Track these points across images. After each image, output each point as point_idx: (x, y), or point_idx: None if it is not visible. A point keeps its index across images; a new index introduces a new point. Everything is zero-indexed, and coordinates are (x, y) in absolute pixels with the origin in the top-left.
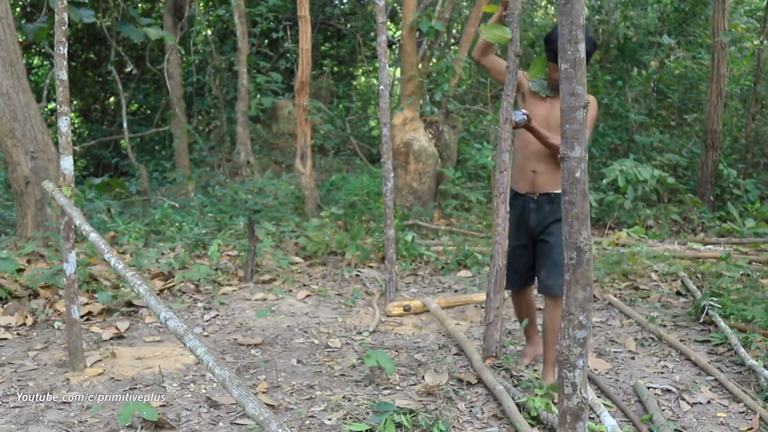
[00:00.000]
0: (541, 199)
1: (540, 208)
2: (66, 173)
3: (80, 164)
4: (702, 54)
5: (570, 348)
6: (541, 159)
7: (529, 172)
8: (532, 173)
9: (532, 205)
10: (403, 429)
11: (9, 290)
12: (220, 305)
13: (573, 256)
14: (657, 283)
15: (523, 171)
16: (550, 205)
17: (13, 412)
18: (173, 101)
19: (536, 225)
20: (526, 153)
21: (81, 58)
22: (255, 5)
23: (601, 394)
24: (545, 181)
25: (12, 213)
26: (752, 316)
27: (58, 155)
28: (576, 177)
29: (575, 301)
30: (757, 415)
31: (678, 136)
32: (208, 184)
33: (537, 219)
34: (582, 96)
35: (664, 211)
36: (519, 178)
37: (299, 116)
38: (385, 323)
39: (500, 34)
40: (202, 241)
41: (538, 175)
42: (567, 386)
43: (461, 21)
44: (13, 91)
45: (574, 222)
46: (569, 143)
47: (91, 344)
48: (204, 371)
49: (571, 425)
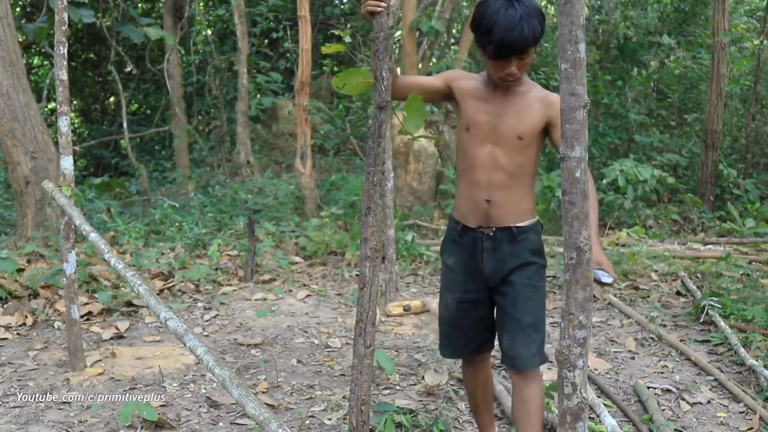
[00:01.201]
0: (498, 236)
1: (498, 247)
2: (66, 173)
3: (80, 164)
4: (702, 54)
5: (570, 348)
6: (497, 183)
7: (480, 202)
8: (486, 203)
9: (486, 244)
10: (403, 429)
11: (9, 290)
12: (220, 305)
13: (573, 256)
14: (657, 283)
15: (472, 200)
16: (512, 244)
17: (13, 412)
18: (173, 101)
19: (493, 271)
20: (474, 178)
21: (81, 58)
22: (255, 5)
23: (601, 394)
24: (504, 212)
25: (12, 213)
26: (752, 316)
27: (58, 155)
28: (576, 177)
29: (575, 301)
30: (757, 415)
31: (678, 136)
32: (208, 184)
33: (494, 263)
34: (582, 96)
35: (664, 211)
36: (466, 209)
37: (299, 116)
38: (385, 323)
39: (360, 79)
40: (202, 241)
41: (494, 206)
42: (567, 386)
43: (461, 21)
44: (13, 91)
45: (574, 222)
46: (569, 143)
47: (91, 344)
48: (204, 371)
49: (571, 425)
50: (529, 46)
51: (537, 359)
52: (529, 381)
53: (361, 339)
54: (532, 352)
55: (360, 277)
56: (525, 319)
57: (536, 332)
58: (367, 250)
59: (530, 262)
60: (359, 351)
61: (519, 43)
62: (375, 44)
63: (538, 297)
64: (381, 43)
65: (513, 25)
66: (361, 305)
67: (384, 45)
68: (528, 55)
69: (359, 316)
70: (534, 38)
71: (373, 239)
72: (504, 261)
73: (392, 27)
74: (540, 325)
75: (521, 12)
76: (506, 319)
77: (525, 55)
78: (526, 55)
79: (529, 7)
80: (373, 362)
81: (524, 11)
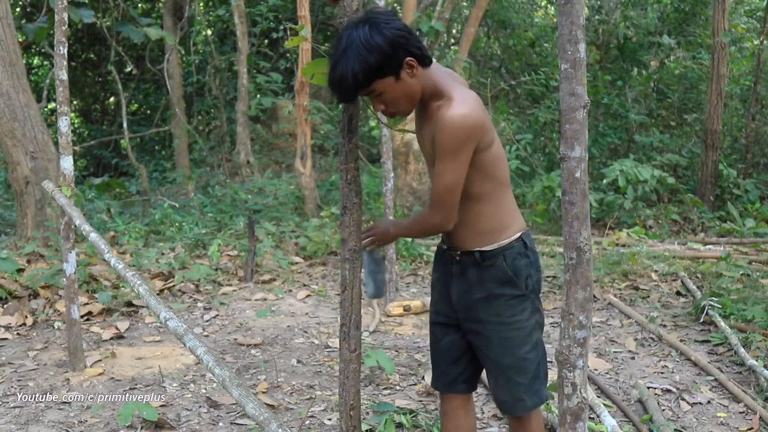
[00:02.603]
0: (464, 260)
1: (464, 273)
2: (66, 173)
3: (80, 164)
4: (702, 54)
5: (570, 348)
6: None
7: None
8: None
9: (455, 268)
10: (403, 429)
11: (9, 290)
12: (220, 305)
13: (573, 256)
14: (657, 283)
15: None
16: (478, 270)
17: (13, 412)
18: (173, 101)
19: (458, 298)
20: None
21: (81, 58)
22: (255, 5)
23: (601, 394)
24: (462, 234)
25: (12, 213)
26: (752, 316)
27: (58, 155)
28: (576, 177)
29: (575, 301)
30: (757, 415)
31: (678, 136)
32: (208, 184)
33: (459, 290)
34: (582, 96)
35: (664, 211)
36: None
37: (299, 116)
38: (385, 323)
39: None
40: (202, 241)
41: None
42: (567, 386)
43: (461, 21)
44: (13, 91)
45: (574, 222)
46: (569, 143)
47: (91, 344)
48: (204, 371)
49: (571, 425)
50: (353, 94)
51: (525, 403)
52: (522, 426)
53: (345, 343)
54: (516, 397)
55: (341, 280)
56: (502, 360)
57: (519, 373)
58: (345, 252)
59: (497, 294)
60: (344, 356)
61: (339, 93)
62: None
63: (515, 333)
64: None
65: (331, 67)
66: (343, 308)
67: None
68: (377, 92)
69: (342, 320)
70: (355, 83)
71: (351, 240)
72: (469, 290)
73: (357, 10)
74: (523, 365)
75: (342, 48)
76: (485, 361)
77: (371, 93)
78: (372, 93)
79: (356, 42)
80: (374, 362)
81: (346, 47)
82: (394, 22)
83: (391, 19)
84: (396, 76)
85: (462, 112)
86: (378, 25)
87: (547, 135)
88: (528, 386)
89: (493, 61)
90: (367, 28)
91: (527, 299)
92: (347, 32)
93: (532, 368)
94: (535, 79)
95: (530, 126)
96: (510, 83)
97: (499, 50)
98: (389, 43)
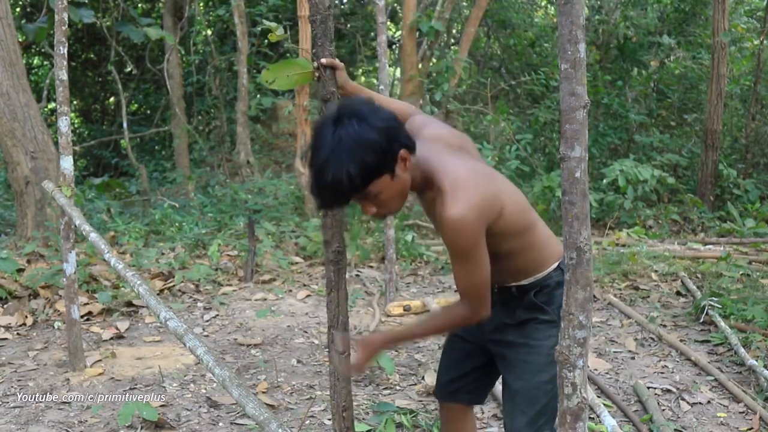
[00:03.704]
0: (500, 291)
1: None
2: (66, 173)
3: (80, 164)
4: (702, 54)
5: (570, 348)
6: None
7: None
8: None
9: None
10: (403, 429)
11: (9, 290)
12: (220, 305)
13: (573, 256)
14: (657, 283)
15: None
16: (513, 301)
17: (13, 412)
18: (173, 101)
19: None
20: None
21: (81, 58)
22: (255, 5)
23: (601, 394)
24: (503, 276)
25: (12, 213)
26: (752, 316)
27: (58, 155)
28: (576, 177)
29: (575, 301)
30: (757, 415)
31: (678, 136)
32: (208, 184)
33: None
34: (582, 96)
35: (664, 211)
36: None
37: (299, 116)
38: (385, 323)
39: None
40: (202, 241)
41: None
42: (567, 386)
43: (461, 21)
44: (13, 91)
45: (574, 222)
46: (569, 143)
47: (91, 344)
48: (204, 371)
49: (571, 425)
50: (346, 199)
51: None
52: None
53: (334, 345)
54: (519, 426)
55: (327, 282)
56: (514, 384)
57: (526, 402)
58: (329, 253)
59: (527, 318)
60: (334, 358)
61: (329, 200)
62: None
63: (535, 358)
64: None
65: (317, 171)
66: (330, 310)
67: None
68: (372, 193)
69: (330, 322)
70: (351, 187)
71: (334, 242)
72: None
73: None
74: (534, 394)
75: (329, 149)
76: (503, 386)
77: (365, 197)
78: (366, 196)
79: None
80: (374, 362)
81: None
82: (380, 111)
83: (375, 109)
84: (392, 174)
85: (458, 213)
86: (366, 118)
87: (547, 135)
88: (531, 421)
89: (493, 61)
90: (355, 123)
91: (556, 326)
92: (329, 130)
93: (541, 401)
94: (535, 79)
95: (530, 126)
96: (510, 83)
97: (499, 50)
98: (384, 136)
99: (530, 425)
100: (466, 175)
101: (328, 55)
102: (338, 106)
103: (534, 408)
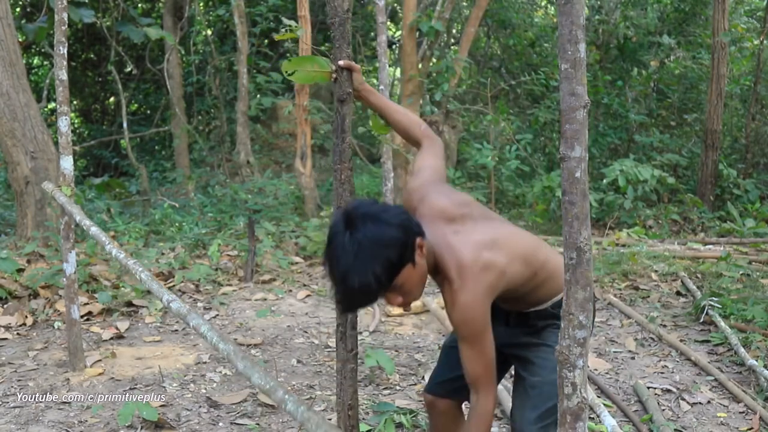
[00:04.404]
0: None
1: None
2: (66, 173)
3: (80, 164)
4: (702, 54)
5: (570, 348)
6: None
7: None
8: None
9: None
10: (403, 429)
11: (9, 290)
12: (220, 305)
13: (573, 256)
14: (657, 283)
15: None
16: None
17: (13, 412)
18: (173, 101)
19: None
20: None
21: (81, 58)
22: (255, 5)
23: (601, 394)
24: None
25: (12, 213)
26: (752, 316)
27: (58, 155)
28: (576, 177)
29: (575, 301)
30: (757, 415)
31: (678, 136)
32: (208, 184)
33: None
34: (582, 96)
35: (664, 211)
36: None
37: (299, 116)
38: (385, 323)
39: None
40: (202, 241)
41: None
42: (567, 386)
43: (461, 21)
44: (13, 91)
45: (574, 222)
46: (569, 143)
47: (91, 344)
48: (204, 371)
49: (571, 425)
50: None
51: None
52: None
53: (342, 343)
54: (529, 418)
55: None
56: (530, 379)
57: (539, 397)
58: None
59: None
60: (341, 355)
61: (358, 303)
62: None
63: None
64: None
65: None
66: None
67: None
68: (398, 285)
69: (338, 320)
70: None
71: None
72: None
73: (348, 10)
74: (548, 390)
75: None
76: (516, 381)
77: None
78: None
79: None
80: (374, 362)
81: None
82: (389, 207)
83: (385, 206)
84: (413, 263)
85: (464, 301)
86: (380, 217)
87: (547, 135)
88: (541, 416)
89: (493, 61)
90: (370, 225)
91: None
92: (344, 237)
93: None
94: (535, 79)
95: (530, 126)
96: (510, 83)
97: (499, 50)
98: (402, 231)
99: (539, 420)
100: (470, 257)
101: (346, 57)
102: (344, 212)
103: (546, 404)
